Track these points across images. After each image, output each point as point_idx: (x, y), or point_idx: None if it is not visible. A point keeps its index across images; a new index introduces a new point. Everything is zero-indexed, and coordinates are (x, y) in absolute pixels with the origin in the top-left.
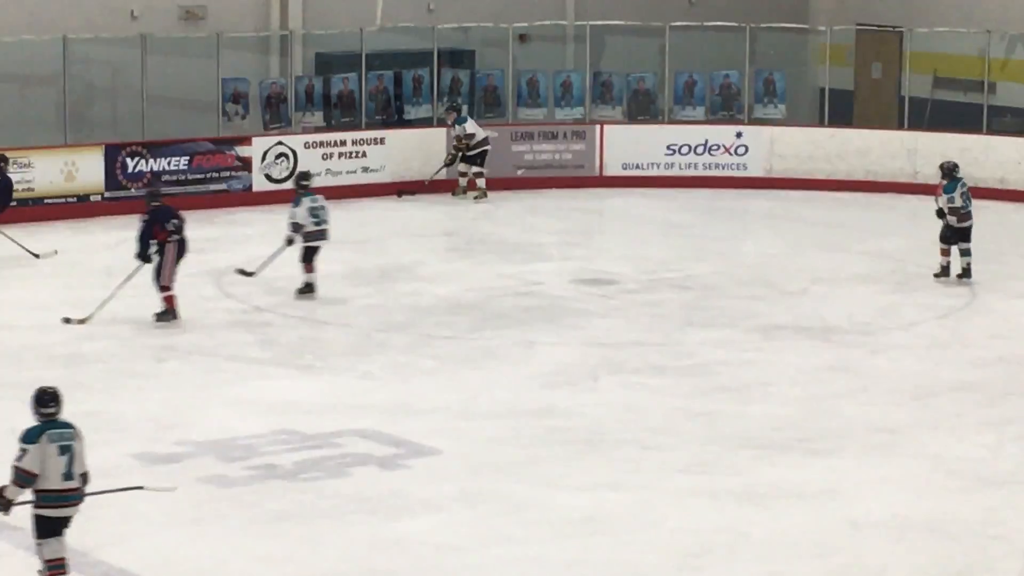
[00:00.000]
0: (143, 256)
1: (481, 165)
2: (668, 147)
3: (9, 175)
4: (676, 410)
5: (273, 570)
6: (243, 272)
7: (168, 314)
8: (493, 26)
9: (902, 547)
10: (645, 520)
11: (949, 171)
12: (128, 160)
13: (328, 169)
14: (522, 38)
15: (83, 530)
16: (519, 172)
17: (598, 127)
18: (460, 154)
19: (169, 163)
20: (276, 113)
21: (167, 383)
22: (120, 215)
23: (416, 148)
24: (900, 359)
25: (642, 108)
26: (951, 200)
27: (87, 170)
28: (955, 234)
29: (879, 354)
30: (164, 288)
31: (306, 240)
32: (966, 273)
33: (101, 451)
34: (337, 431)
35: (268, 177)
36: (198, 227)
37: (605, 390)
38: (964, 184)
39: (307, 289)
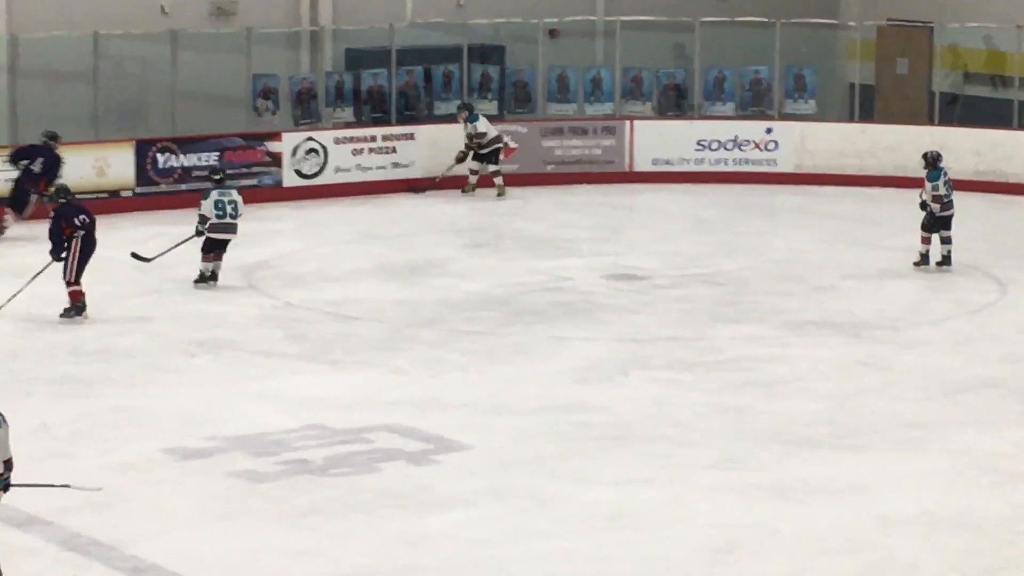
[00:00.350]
0: (56, 253)
1: (496, 163)
2: (698, 143)
3: (59, 153)
4: (706, 405)
5: (303, 565)
6: (138, 257)
7: (72, 310)
8: (523, 22)
9: (931, 543)
10: (675, 515)
11: (933, 160)
12: (159, 156)
13: (358, 164)
14: (552, 34)
15: (114, 525)
16: (549, 168)
17: (628, 123)
18: (472, 152)
19: (199, 158)
20: (306, 109)
21: (197, 378)
22: (150, 211)
23: (446, 144)
24: (930, 355)
25: (672, 104)
26: (935, 188)
27: (118, 166)
28: (937, 223)
29: (909, 350)
30: (69, 284)
31: (209, 231)
32: (946, 261)
33: (132, 446)
34: (367, 426)
35: (298, 172)
36: None
37: (635, 385)
38: (946, 173)
39: (201, 279)
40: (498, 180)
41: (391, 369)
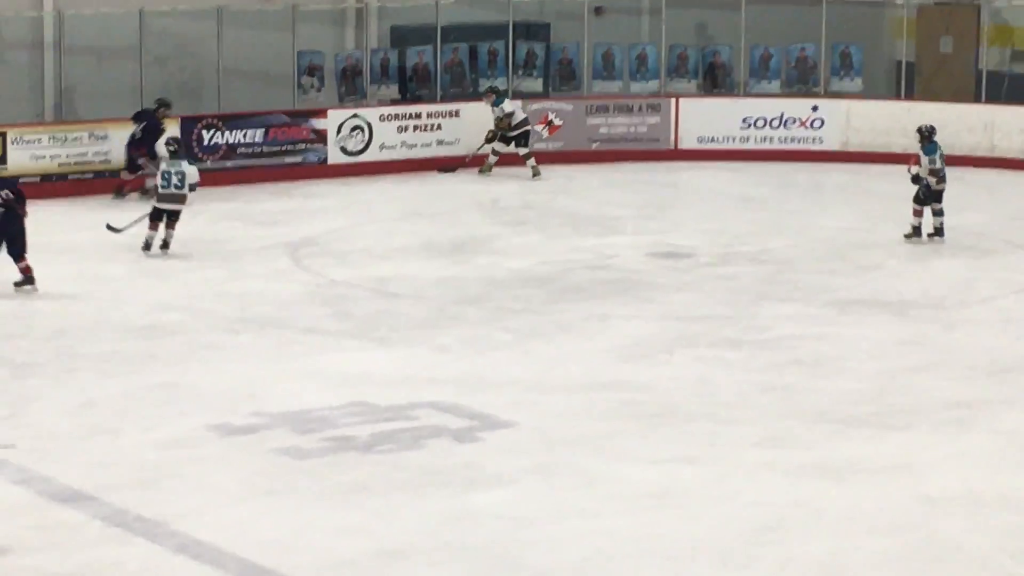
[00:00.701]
0: None
1: (526, 146)
2: (744, 120)
3: (161, 121)
4: (750, 384)
5: (347, 542)
6: (112, 228)
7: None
8: None
9: (976, 522)
10: (719, 494)
11: (928, 134)
12: (204, 132)
13: (403, 142)
14: (597, 11)
15: (159, 501)
16: (594, 145)
17: (673, 100)
18: (500, 133)
19: (245, 135)
20: (351, 86)
21: (242, 355)
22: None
23: (490, 121)
24: (976, 334)
25: (717, 81)
26: (932, 162)
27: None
28: (931, 195)
29: (955, 329)
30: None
31: (156, 201)
32: (939, 232)
33: (177, 423)
34: (411, 403)
35: (343, 150)
36: (273, 199)
37: (680, 364)
38: (941, 148)
39: (145, 246)
40: (531, 162)
41: (436, 346)
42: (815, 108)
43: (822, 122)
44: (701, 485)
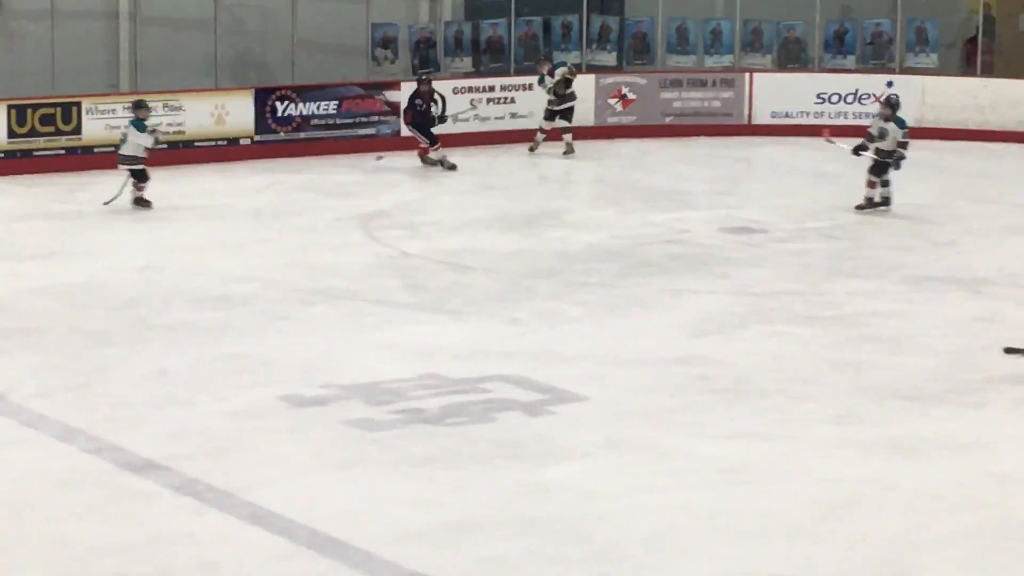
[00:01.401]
0: None
1: (569, 120)
2: (818, 96)
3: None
4: (823, 360)
5: (418, 514)
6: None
7: None
8: None
9: None
10: (791, 470)
11: (897, 104)
12: (278, 104)
13: (476, 115)
14: None
15: (231, 472)
16: (667, 120)
17: (748, 75)
18: (547, 110)
19: (318, 107)
20: (425, 58)
21: (314, 326)
22: (269, 159)
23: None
24: None
25: (792, 56)
26: (905, 135)
27: (237, 114)
28: (888, 167)
29: None
30: None
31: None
32: (887, 202)
33: (249, 393)
34: (483, 376)
35: None
36: (346, 172)
37: (752, 339)
38: None
39: (110, 201)
40: (567, 137)
41: (507, 320)
42: (890, 84)
43: (897, 98)
44: (773, 461)
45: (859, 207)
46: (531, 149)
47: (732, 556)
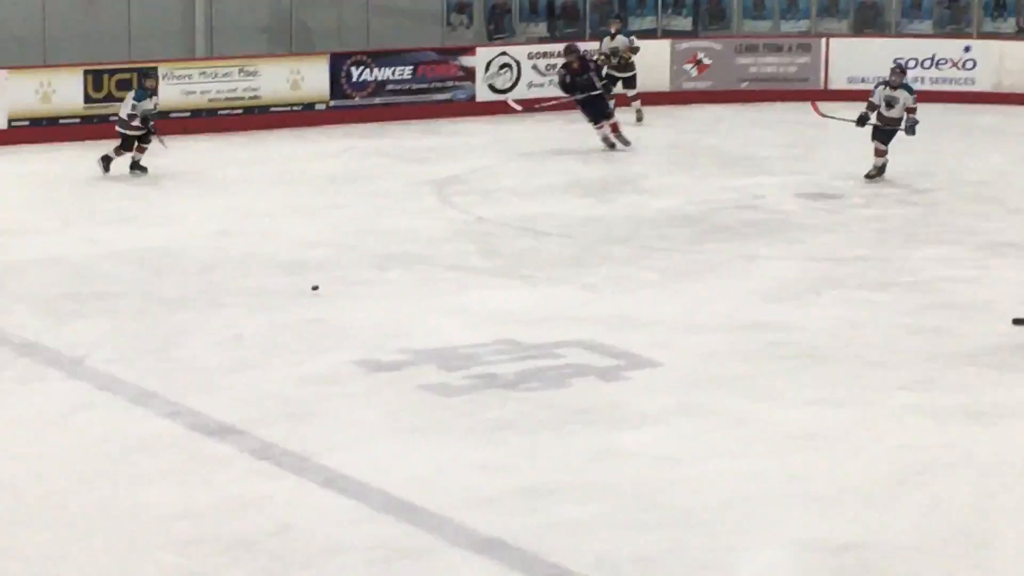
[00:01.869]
0: None
1: (634, 87)
2: (894, 61)
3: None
4: (899, 327)
5: (491, 478)
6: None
7: None
8: None
9: None
10: (866, 437)
11: (904, 70)
12: (353, 69)
13: (551, 80)
14: None
15: (305, 437)
16: (743, 85)
17: (824, 40)
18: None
19: (393, 72)
20: (500, 24)
21: (389, 291)
22: (344, 124)
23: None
24: None
25: (869, 21)
26: (915, 101)
27: (312, 79)
28: (893, 136)
29: None
30: None
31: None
32: (881, 172)
33: (324, 358)
34: (557, 342)
35: (492, 88)
36: (421, 136)
37: (827, 305)
38: None
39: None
40: (636, 104)
41: (582, 285)
42: (967, 49)
43: (974, 63)
44: (847, 428)
45: (869, 176)
46: (638, 119)
47: (805, 522)
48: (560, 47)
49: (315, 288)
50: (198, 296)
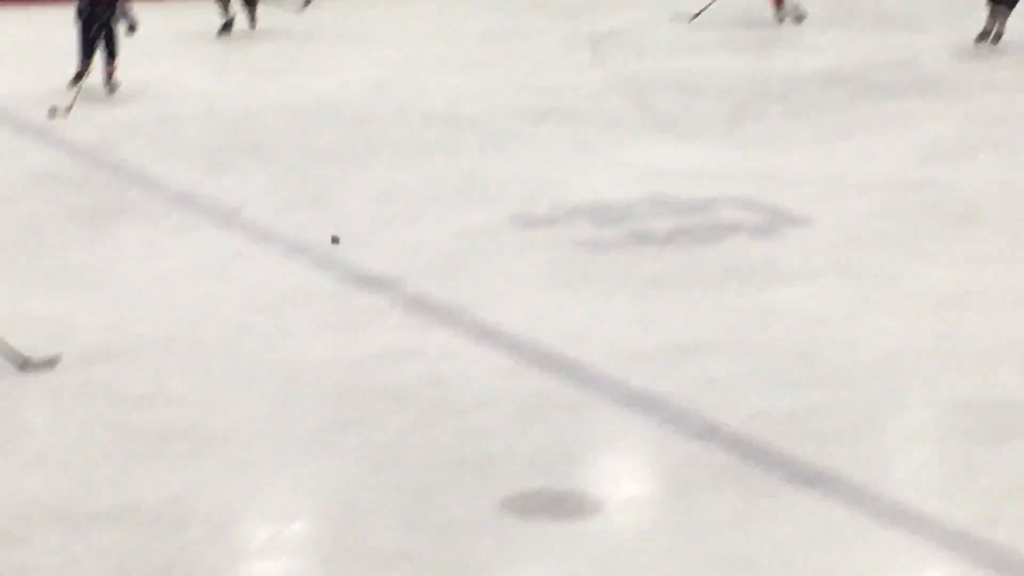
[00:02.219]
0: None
1: None
2: None
3: None
4: None
5: (644, 334)
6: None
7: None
8: None
9: None
10: (1021, 296)
11: None
12: None
13: None
14: None
15: (459, 289)
16: None
17: None
18: None
19: None
20: None
21: (543, 146)
22: None
23: None
24: None
25: None
26: None
27: None
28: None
29: None
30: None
31: None
32: (999, 38)
33: (478, 211)
34: (711, 198)
35: None
36: None
37: (983, 164)
38: None
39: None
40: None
41: (736, 142)
42: None
43: None
44: (1002, 287)
45: (978, 39)
46: (780, 19)
47: (959, 382)
48: None
49: (335, 241)
50: (352, 148)
